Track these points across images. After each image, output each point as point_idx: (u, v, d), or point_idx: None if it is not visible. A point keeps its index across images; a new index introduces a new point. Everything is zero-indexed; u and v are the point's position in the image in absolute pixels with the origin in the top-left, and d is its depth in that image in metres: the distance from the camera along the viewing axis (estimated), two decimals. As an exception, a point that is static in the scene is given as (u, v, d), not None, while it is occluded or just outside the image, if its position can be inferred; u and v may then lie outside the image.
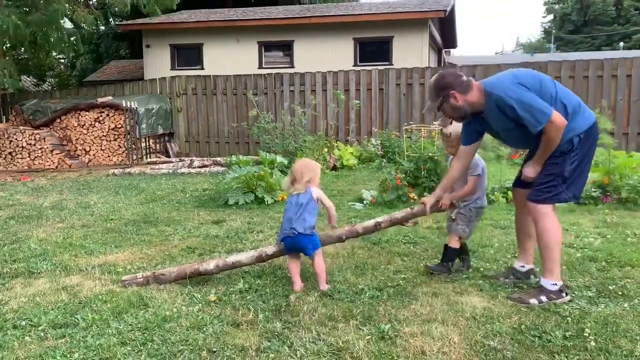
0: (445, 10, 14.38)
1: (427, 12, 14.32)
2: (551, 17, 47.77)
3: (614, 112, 10.37)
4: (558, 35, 43.76)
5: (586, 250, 4.13)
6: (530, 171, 3.24)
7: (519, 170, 3.54)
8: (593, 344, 2.59)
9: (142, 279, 3.55)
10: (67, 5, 11.12)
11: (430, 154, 6.18)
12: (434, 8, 14.64)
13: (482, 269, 3.74)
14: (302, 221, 3.41)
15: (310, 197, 3.49)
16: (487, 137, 3.57)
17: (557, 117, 2.97)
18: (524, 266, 3.52)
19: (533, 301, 3.10)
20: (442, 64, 19.72)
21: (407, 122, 10.94)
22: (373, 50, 14.74)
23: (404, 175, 6.21)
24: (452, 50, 28.13)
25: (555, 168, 3.11)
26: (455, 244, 3.71)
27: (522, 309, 3.03)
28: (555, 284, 3.14)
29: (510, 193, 6.01)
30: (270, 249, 3.67)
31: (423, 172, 6.15)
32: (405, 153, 6.56)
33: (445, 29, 18.44)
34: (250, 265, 3.73)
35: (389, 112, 11.64)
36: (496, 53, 47.55)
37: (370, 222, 3.77)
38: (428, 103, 3.42)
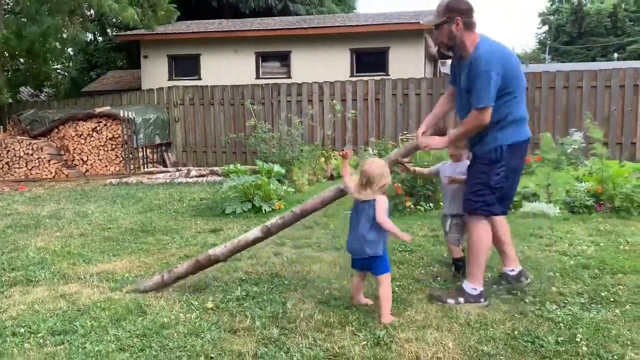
0: (441, 22, 14.50)
1: (423, 24, 14.44)
2: (546, 28, 48.15)
3: (607, 123, 10.49)
4: (553, 46, 44.11)
5: (579, 257, 4.18)
6: (437, 142, 3.37)
7: None
8: (585, 349, 2.64)
9: (159, 278, 3.58)
10: (64, 19, 11.19)
11: (426, 163, 6.23)
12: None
13: (476, 277, 3.78)
14: (374, 239, 3.07)
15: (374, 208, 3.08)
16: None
17: (487, 114, 3.10)
18: (513, 270, 3.55)
19: (450, 301, 3.25)
20: (438, 75, 19.86)
21: (403, 132, 11.02)
22: (369, 60, 14.84)
23: (400, 184, 6.26)
24: (448, 61, 28.29)
25: (483, 177, 3.23)
26: (458, 253, 3.78)
27: (515, 315, 3.07)
28: (476, 289, 3.27)
29: (505, 202, 6.07)
30: (274, 224, 3.59)
31: (419, 181, 6.20)
32: (401, 162, 6.61)
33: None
34: (255, 243, 3.66)
35: (385, 122, 11.72)
36: (492, 63, 47.76)
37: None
38: (430, 17, 3.38)
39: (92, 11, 14.82)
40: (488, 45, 3.18)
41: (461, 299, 3.25)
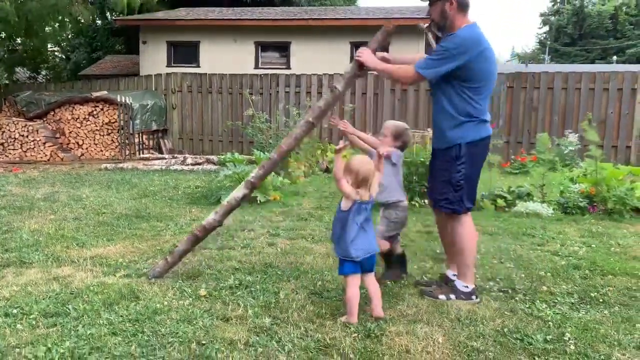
0: (442, 18, 14.50)
1: (424, 19, 14.42)
2: (547, 28, 48.17)
3: (604, 125, 10.54)
4: (553, 46, 44.15)
5: (571, 258, 4.21)
6: (366, 54, 3.34)
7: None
8: (573, 347, 2.67)
9: (164, 262, 3.60)
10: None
11: (422, 159, 6.25)
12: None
13: (468, 273, 3.81)
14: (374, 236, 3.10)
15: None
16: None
17: (415, 78, 3.25)
18: (456, 274, 3.44)
19: (442, 297, 3.28)
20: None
21: (401, 127, 11.02)
22: (369, 54, 14.82)
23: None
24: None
25: (445, 174, 3.27)
26: (384, 246, 3.55)
27: (505, 312, 3.11)
28: (467, 287, 3.29)
29: (499, 200, 6.12)
30: (256, 176, 3.56)
31: (414, 177, 6.23)
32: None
33: (441, 37, 18.57)
34: (244, 199, 3.64)
35: (383, 117, 11.71)
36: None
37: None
38: None
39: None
40: (469, 33, 3.17)
41: (452, 296, 3.28)
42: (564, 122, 10.89)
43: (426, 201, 6.15)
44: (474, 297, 3.29)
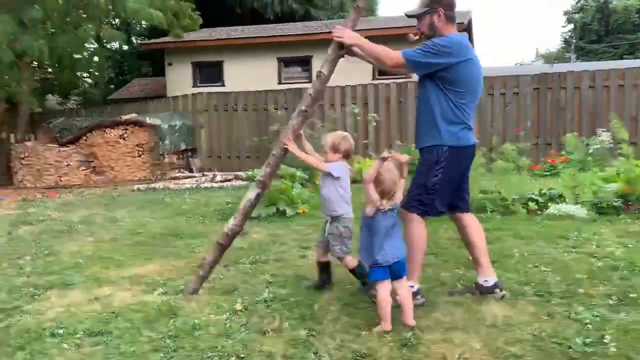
0: (463, 23, 14.45)
1: (406, 13, 14.39)
2: (571, 26, 47.46)
3: (635, 122, 10.32)
4: (579, 45, 43.44)
5: (608, 259, 4.14)
6: (349, 35, 3.37)
7: None
8: (614, 350, 2.63)
9: (197, 277, 3.68)
10: (91, 26, 11.50)
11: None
12: (452, 21, 14.72)
13: (502, 279, 3.77)
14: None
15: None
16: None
17: (398, 63, 3.28)
18: (487, 280, 3.43)
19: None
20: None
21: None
22: (391, 64, 14.86)
23: (424, 187, 6.26)
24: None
25: (421, 178, 3.32)
26: (350, 263, 3.60)
27: (542, 317, 3.08)
28: (413, 286, 3.29)
29: (530, 204, 6.05)
30: (265, 174, 3.62)
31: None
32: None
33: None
34: (259, 199, 3.71)
35: (408, 125, 11.71)
36: (515, 64, 47.33)
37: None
38: (415, 7, 3.45)
39: (117, 20, 15.17)
40: (460, 38, 3.29)
41: (476, 292, 3.34)
42: (593, 122, 10.70)
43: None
44: (418, 296, 3.31)
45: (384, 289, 2.99)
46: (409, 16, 3.49)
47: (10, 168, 12.25)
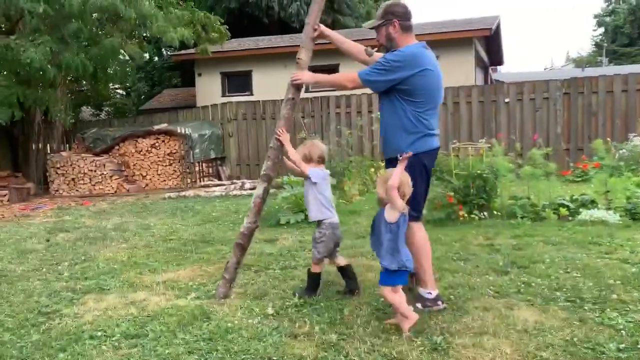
0: (491, 29, 14.37)
1: (473, 31, 14.35)
2: (602, 30, 46.56)
3: (670, 126, 10.07)
4: (611, 48, 42.56)
5: (642, 265, 4.08)
6: (306, 76, 3.71)
7: None
8: (648, 356, 2.60)
9: (223, 281, 3.76)
10: (120, 40, 11.81)
11: (479, 172, 6.21)
12: (480, 27, 14.65)
13: (533, 284, 3.76)
14: None
15: None
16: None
17: (356, 84, 3.50)
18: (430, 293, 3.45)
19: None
20: (489, 82, 19.59)
21: (454, 140, 10.94)
22: (418, 70, 14.84)
23: (453, 193, 6.25)
24: (499, 67, 27.84)
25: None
26: (314, 268, 3.70)
27: (574, 322, 3.05)
28: (431, 293, 3.35)
29: (561, 209, 5.97)
30: (268, 167, 3.75)
31: (472, 190, 6.18)
32: (454, 171, 6.61)
33: (491, 46, 18.35)
34: (267, 192, 3.81)
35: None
36: (545, 68, 46.64)
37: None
38: (373, 20, 3.63)
39: (148, 33, 15.55)
40: (413, 50, 3.40)
41: (419, 305, 3.34)
42: (626, 126, 10.49)
43: (486, 214, 6.09)
44: (439, 302, 3.35)
45: (397, 290, 3.07)
46: (369, 28, 3.65)
47: (47, 177, 12.63)
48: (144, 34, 14.85)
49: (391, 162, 3.43)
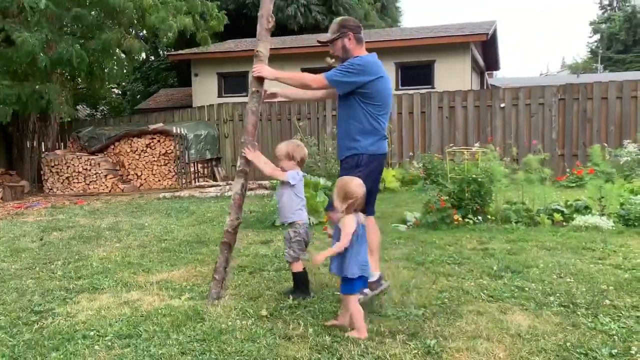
0: (487, 34, 14.44)
1: (469, 36, 14.40)
2: (598, 36, 46.84)
3: (664, 133, 10.14)
4: (606, 55, 42.83)
5: (635, 271, 4.10)
6: (267, 71, 3.77)
7: None
8: (640, 361, 2.61)
9: (214, 282, 3.76)
10: (118, 35, 11.78)
11: (473, 176, 6.23)
12: (476, 32, 14.71)
13: (527, 289, 3.78)
14: None
15: None
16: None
17: (322, 84, 3.64)
18: (372, 275, 3.65)
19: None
20: (484, 87, 19.66)
21: (450, 144, 10.98)
22: (415, 74, 14.88)
23: (447, 197, 6.27)
24: (495, 72, 27.96)
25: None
26: (295, 267, 3.76)
27: (567, 327, 3.07)
28: (374, 275, 3.56)
29: (556, 215, 6.00)
30: (242, 165, 3.88)
31: (467, 194, 6.20)
32: (449, 175, 6.63)
33: (487, 51, 18.44)
34: (244, 188, 3.91)
35: (431, 135, 11.71)
36: (541, 74, 46.87)
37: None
38: (327, 34, 3.79)
39: (144, 31, 15.51)
40: (371, 58, 3.64)
41: (366, 290, 3.46)
42: (621, 133, 10.56)
43: (480, 218, 6.11)
44: (382, 282, 3.65)
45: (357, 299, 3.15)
46: (324, 42, 3.80)
47: (41, 175, 12.58)
48: (141, 32, 14.83)
49: (346, 162, 3.61)
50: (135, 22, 12.33)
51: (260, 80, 3.84)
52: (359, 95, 3.57)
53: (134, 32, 13.82)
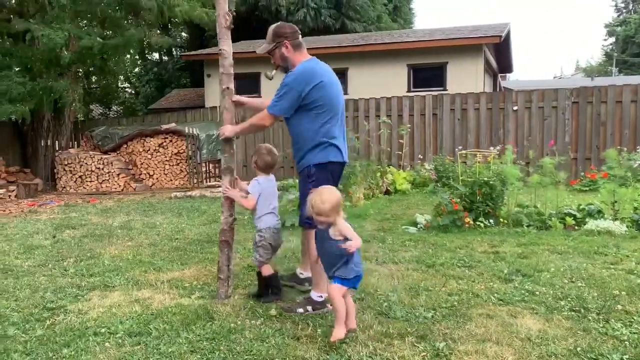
0: (501, 36, 14.36)
1: (482, 38, 14.34)
2: (613, 39, 46.38)
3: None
4: (621, 58, 42.40)
5: (647, 276, 4.05)
6: (228, 130, 3.78)
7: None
8: (652, 368, 2.59)
9: (221, 281, 3.79)
10: (142, 32, 11.90)
11: (485, 179, 6.20)
12: (489, 34, 14.64)
13: (537, 293, 3.75)
14: None
15: None
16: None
17: (271, 119, 3.61)
18: (302, 273, 3.98)
19: (300, 310, 3.45)
20: (497, 89, 19.55)
21: (462, 147, 10.94)
22: (427, 76, 14.84)
23: (459, 200, 6.24)
24: (508, 75, 27.80)
25: (300, 187, 3.71)
26: (264, 270, 3.77)
27: (578, 332, 3.04)
28: (321, 296, 3.49)
29: (567, 219, 5.96)
30: (228, 162, 3.88)
31: (478, 197, 6.17)
32: (460, 177, 6.60)
33: (500, 54, 18.34)
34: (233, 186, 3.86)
35: (442, 137, 11.67)
36: (554, 77, 46.49)
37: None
38: (263, 45, 3.78)
39: (159, 31, 15.68)
40: (304, 67, 3.57)
41: (309, 307, 3.45)
42: (635, 136, 10.45)
43: (492, 221, 6.08)
44: (329, 305, 3.43)
45: (345, 299, 3.09)
46: (264, 54, 3.81)
47: (54, 174, 12.71)
48: (158, 31, 14.99)
49: (302, 175, 3.63)
50: (160, 15, 12.46)
51: (229, 77, 3.89)
52: (300, 107, 3.54)
53: (156, 30, 14.02)
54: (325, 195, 3.02)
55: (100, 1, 10.48)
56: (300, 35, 3.73)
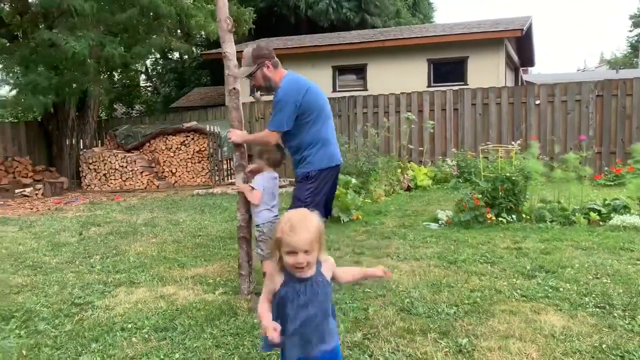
0: (522, 30, 14.15)
1: (503, 32, 14.15)
2: (638, 30, 45.34)
3: None
4: (646, 49, 41.42)
5: (675, 272, 3.99)
6: (236, 135, 3.88)
7: None
8: (679, 365, 2.55)
9: (243, 278, 3.86)
10: (163, 39, 12.08)
11: (508, 174, 6.15)
12: (510, 27, 14.44)
13: (561, 289, 3.72)
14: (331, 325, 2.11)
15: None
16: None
17: (274, 136, 3.70)
18: None
19: None
20: (519, 83, 19.30)
21: (484, 142, 10.84)
22: (447, 70, 14.71)
23: (480, 196, 6.20)
24: (530, 69, 27.41)
25: (296, 191, 3.73)
26: (265, 267, 3.72)
27: (603, 329, 3.01)
28: None
29: (592, 214, 5.88)
30: (240, 160, 3.99)
31: (501, 193, 6.12)
32: (482, 173, 6.55)
33: (522, 47, 18.08)
34: (244, 182, 3.95)
35: (464, 133, 11.58)
36: (578, 70, 45.66)
37: None
38: (243, 68, 3.82)
39: (179, 32, 15.87)
40: (288, 81, 3.71)
41: None
42: (662, 129, 10.24)
43: (514, 217, 6.03)
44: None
45: None
46: (246, 77, 3.85)
47: (79, 172, 12.95)
48: (176, 33, 15.17)
49: (299, 182, 3.72)
50: (178, 23, 12.68)
51: (234, 78, 3.93)
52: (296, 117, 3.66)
53: (177, 33, 14.23)
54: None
55: (123, 12, 10.67)
56: (274, 53, 3.86)
